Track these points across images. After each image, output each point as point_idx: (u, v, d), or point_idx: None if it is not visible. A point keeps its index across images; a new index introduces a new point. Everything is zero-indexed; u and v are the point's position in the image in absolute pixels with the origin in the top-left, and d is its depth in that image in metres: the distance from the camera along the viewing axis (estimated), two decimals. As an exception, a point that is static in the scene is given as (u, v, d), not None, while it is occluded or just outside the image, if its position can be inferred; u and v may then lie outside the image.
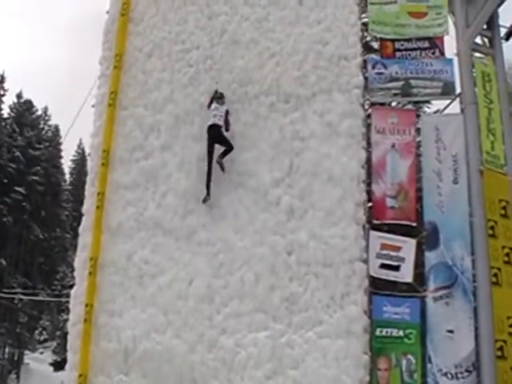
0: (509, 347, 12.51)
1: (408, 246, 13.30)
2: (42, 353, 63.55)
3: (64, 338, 20.86)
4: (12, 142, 61.47)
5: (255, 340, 12.86)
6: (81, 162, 73.55)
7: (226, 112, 14.31)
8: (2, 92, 62.87)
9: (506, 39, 15.28)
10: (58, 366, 50.03)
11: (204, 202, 14.02)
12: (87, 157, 16.80)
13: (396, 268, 13.19)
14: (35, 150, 63.39)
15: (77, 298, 13.89)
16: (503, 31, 15.22)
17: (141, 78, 15.47)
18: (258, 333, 12.92)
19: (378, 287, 13.19)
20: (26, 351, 61.03)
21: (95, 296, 13.65)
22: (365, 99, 14.52)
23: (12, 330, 56.40)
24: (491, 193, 13.46)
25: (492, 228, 13.20)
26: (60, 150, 70.72)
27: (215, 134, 14.17)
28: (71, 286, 14.67)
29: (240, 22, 15.36)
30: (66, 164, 75.62)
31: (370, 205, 13.83)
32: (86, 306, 13.46)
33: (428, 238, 13.42)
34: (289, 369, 12.63)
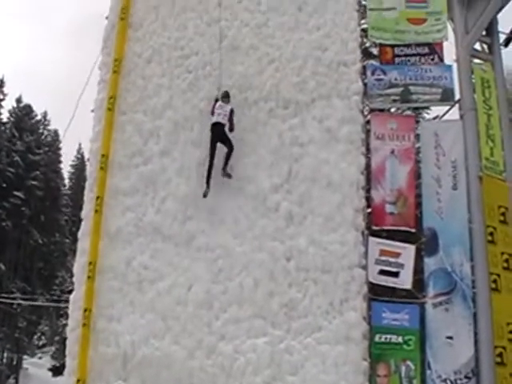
0: (508, 353, 12.54)
1: (407, 252, 13.31)
2: (40, 358, 63.36)
3: (63, 343, 20.81)
4: (11, 147, 61.16)
5: (254, 346, 12.86)
6: (80, 166, 73.41)
7: (231, 111, 14.29)
8: (1, 96, 62.58)
9: (505, 45, 15.36)
10: (57, 371, 50.00)
11: (204, 196, 13.99)
12: (86, 162, 16.74)
13: (395, 274, 13.20)
14: (34, 154, 63.10)
15: (75, 303, 13.86)
16: (502, 37, 15.31)
17: (140, 83, 15.47)
18: (256, 339, 12.92)
19: (377, 293, 13.19)
20: (25, 356, 60.71)
21: (94, 301, 13.61)
22: (364, 105, 14.55)
23: (11, 335, 56.13)
24: (490, 199, 13.49)
25: (491, 234, 13.25)
26: (59, 154, 70.50)
27: (219, 132, 14.16)
28: (70, 291, 14.68)
29: (239, 27, 15.41)
30: (66, 169, 75.59)
31: (369, 211, 13.85)
32: (85, 311, 13.42)
33: (427, 244, 13.45)
34: (288, 375, 12.63)
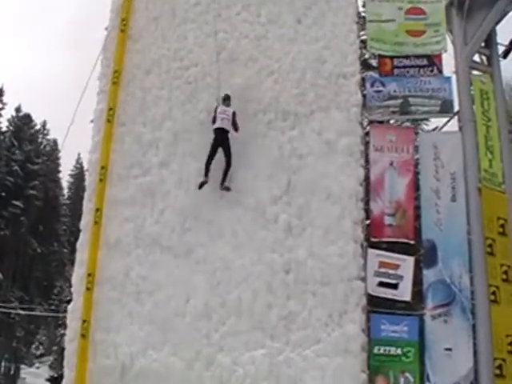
0: (508, 365, 12.54)
1: (406, 264, 13.29)
2: (38, 367, 63.13)
3: (61, 354, 20.78)
4: (10, 156, 61.33)
5: (252, 358, 12.82)
6: (79, 176, 73.45)
7: (233, 114, 14.33)
8: (0, 106, 62.75)
9: (504, 57, 15.36)
10: (55, 381, 49.71)
11: (200, 186, 14.04)
12: (85, 172, 16.77)
13: (394, 286, 13.18)
14: (34, 164, 63.24)
15: (74, 313, 13.83)
16: (501, 49, 15.33)
17: (139, 94, 15.47)
18: (255, 351, 12.88)
19: (376, 305, 13.16)
20: (23, 366, 60.69)
21: (92, 312, 13.58)
22: (363, 117, 14.56)
23: (9, 344, 56.14)
24: (489, 210, 13.51)
25: (490, 246, 13.27)
26: (58, 164, 70.73)
27: (222, 138, 14.20)
28: (68, 301, 14.70)
29: (239, 39, 15.42)
30: (65, 178, 75.66)
31: (368, 223, 13.83)
32: (84, 322, 13.40)
33: (426, 256, 13.43)
34: (286, 387, 12.60)
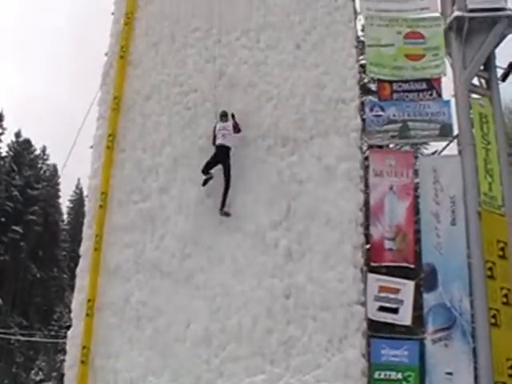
0: (509, 389, 12.48)
1: (407, 289, 13.28)
2: (38, 393, 62.94)
3: (61, 380, 20.63)
4: (10, 181, 61.32)
5: (253, 384, 12.80)
6: (79, 201, 73.30)
7: (234, 121, 14.50)
8: (0, 131, 62.88)
9: (503, 80, 15.40)
10: (55, 408, 49.60)
11: (204, 184, 14.20)
12: (85, 197, 16.79)
13: (395, 311, 13.15)
14: (33, 189, 63.19)
15: (73, 339, 13.84)
16: (500, 72, 15.35)
17: (139, 120, 15.53)
18: (255, 376, 12.85)
19: (376, 330, 13.13)
20: (22, 391, 60.43)
21: (92, 338, 13.59)
22: (362, 141, 14.59)
23: (8, 370, 55.84)
24: (489, 234, 13.51)
25: (490, 269, 13.27)
26: (58, 189, 70.66)
27: (223, 154, 14.29)
28: (68, 327, 14.67)
29: (238, 65, 15.49)
30: (64, 204, 75.60)
31: (368, 247, 13.82)
32: (83, 348, 13.40)
33: (426, 280, 13.42)
34: (286, 413, 12.54)
